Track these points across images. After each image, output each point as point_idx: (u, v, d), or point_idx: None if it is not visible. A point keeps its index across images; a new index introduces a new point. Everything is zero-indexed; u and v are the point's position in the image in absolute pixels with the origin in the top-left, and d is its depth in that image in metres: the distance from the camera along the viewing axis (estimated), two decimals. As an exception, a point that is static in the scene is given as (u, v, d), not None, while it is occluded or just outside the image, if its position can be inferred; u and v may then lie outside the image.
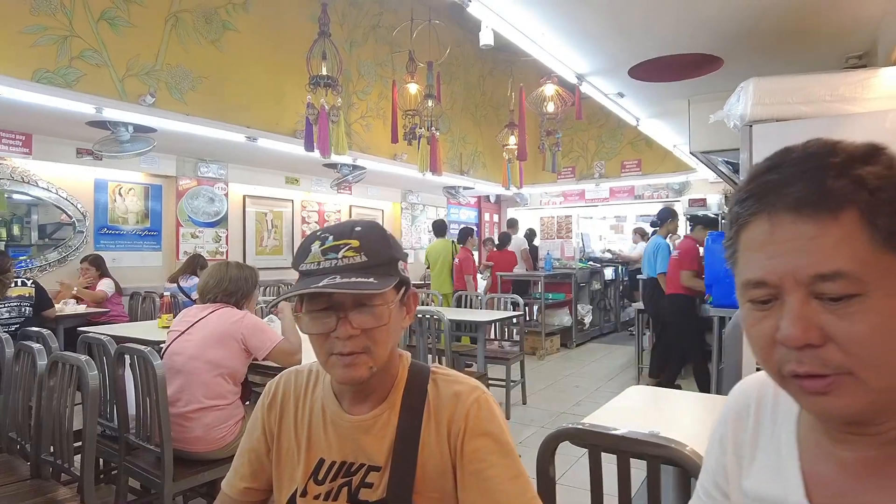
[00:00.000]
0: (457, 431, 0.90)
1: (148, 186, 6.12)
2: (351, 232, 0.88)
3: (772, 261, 0.55)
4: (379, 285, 0.84)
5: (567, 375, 6.02)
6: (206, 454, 2.30)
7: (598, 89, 3.79)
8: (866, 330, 0.51)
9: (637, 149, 8.86)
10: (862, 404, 0.53)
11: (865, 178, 0.52)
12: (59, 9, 3.95)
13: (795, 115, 2.50)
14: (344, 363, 0.86)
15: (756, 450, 0.71)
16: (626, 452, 1.20)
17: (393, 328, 0.90)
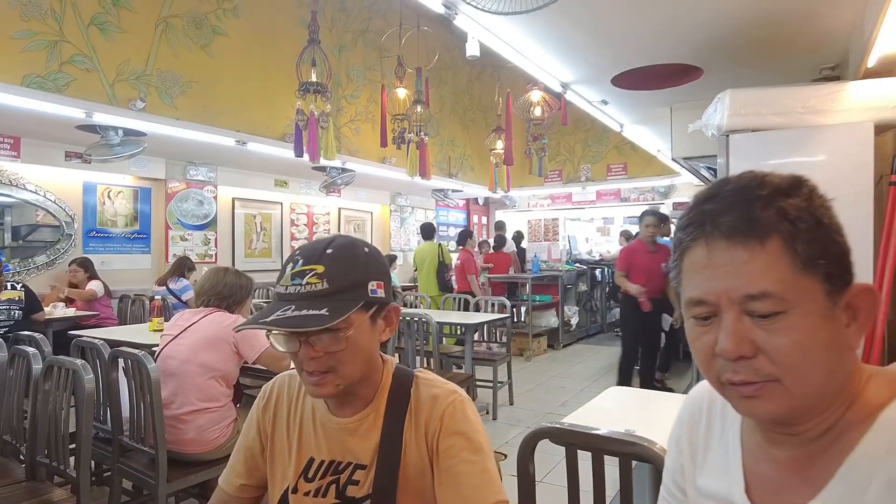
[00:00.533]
0: (433, 431, 0.96)
1: (137, 189, 6.14)
2: (321, 256, 0.91)
3: (709, 282, 0.62)
4: (329, 318, 0.86)
5: (553, 376, 6.11)
6: (199, 455, 2.35)
7: (582, 97, 3.88)
8: (790, 343, 0.59)
9: (623, 153, 8.99)
10: (786, 407, 0.61)
11: (787, 210, 0.60)
12: (50, 14, 3.98)
13: (769, 126, 2.60)
14: (312, 382, 0.92)
15: (708, 450, 0.78)
16: (600, 450, 1.28)
17: (360, 347, 0.93)
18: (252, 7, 5.39)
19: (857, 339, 0.63)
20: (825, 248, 0.60)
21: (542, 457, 1.35)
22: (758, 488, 0.70)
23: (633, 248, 4.89)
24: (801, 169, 2.25)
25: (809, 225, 0.60)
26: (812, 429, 0.64)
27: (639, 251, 4.76)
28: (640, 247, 4.77)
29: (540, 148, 5.62)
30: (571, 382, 5.79)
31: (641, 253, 4.72)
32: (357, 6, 6.53)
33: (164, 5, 4.73)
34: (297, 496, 1.00)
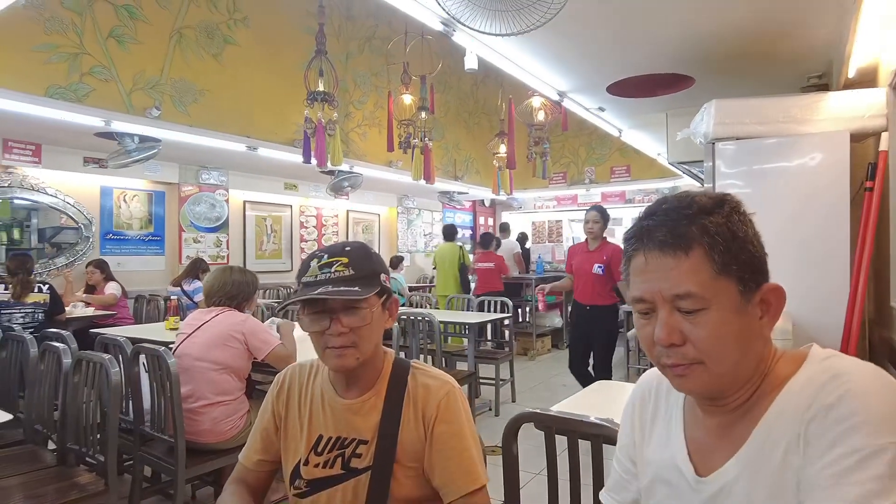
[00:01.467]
0: (430, 417, 1.13)
1: (151, 193, 6.34)
2: (342, 251, 1.12)
3: (646, 284, 0.77)
4: (362, 292, 1.07)
5: (556, 375, 6.24)
6: (213, 445, 2.51)
7: (579, 104, 4.02)
8: (708, 333, 0.74)
9: (626, 155, 9.10)
10: (708, 384, 0.77)
11: (708, 226, 0.74)
12: (71, 27, 4.17)
13: (752, 134, 2.74)
14: (336, 354, 1.09)
15: (654, 425, 0.93)
16: (574, 433, 1.43)
17: (375, 327, 1.13)
18: (261, 17, 5.57)
19: (770, 328, 0.78)
20: (738, 256, 0.74)
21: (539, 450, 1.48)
22: (696, 452, 0.84)
23: (574, 246, 4.58)
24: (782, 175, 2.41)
25: (726, 238, 0.74)
26: (734, 400, 0.79)
27: (576, 250, 4.42)
28: (579, 246, 4.43)
29: (541, 152, 5.76)
30: (573, 381, 5.90)
31: (579, 252, 4.35)
32: (363, 14, 6.70)
33: (177, 17, 4.92)
34: (308, 468, 1.16)
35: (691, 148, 3.95)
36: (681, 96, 3.94)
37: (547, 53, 3.04)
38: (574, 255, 4.39)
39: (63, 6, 4.13)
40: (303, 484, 1.16)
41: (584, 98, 3.94)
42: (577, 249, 4.40)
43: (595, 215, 4.17)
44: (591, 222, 4.17)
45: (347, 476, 1.14)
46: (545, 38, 2.64)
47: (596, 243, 4.20)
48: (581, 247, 4.38)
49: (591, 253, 4.20)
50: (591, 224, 4.17)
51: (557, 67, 3.27)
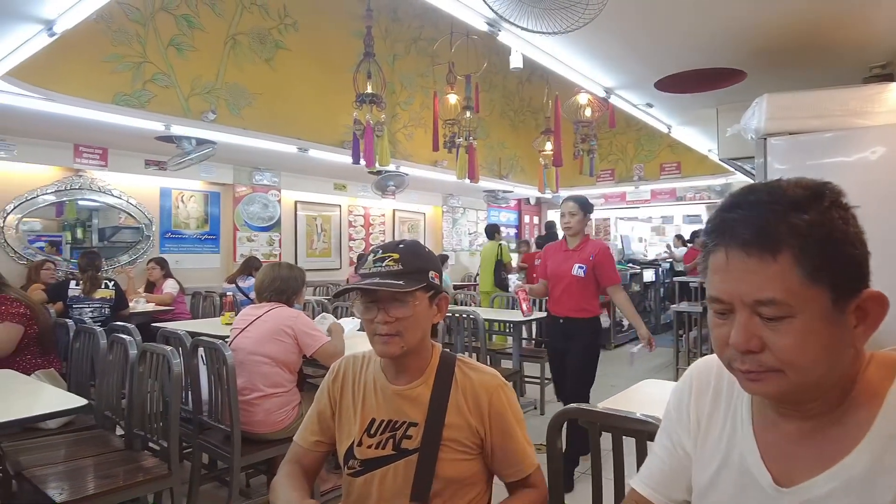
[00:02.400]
0: (484, 409, 1.25)
1: (207, 194, 6.61)
2: (395, 248, 1.24)
3: (726, 284, 0.71)
4: (404, 286, 1.17)
5: (603, 375, 6.12)
6: (266, 435, 2.62)
7: (626, 101, 3.97)
8: (792, 344, 0.67)
9: (676, 152, 8.88)
10: (785, 391, 0.71)
11: (800, 226, 0.66)
12: (135, 38, 4.40)
13: (807, 129, 2.65)
14: (382, 341, 1.20)
15: (712, 420, 0.89)
16: (618, 430, 1.44)
17: (420, 320, 1.22)
18: (310, 21, 5.72)
19: (864, 340, 0.71)
20: (834, 261, 0.67)
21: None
22: (772, 458, 0.78)
23: (550, 245, 3.76)
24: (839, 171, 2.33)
25: (820, 240, 0.66)
26: (816, 406, 0.74)
27: (552, 250, 3.62)
28: (556, 245, 3.64)
29: (589, 149, 5.70)
30: (621, 381, 5.84)
31: (555, 252, 3.57)
32: (408, 16, 6.78)
33: (231, 24, 5.11)
34: (362, 448, 1.26)
35: (743, 144, 3.82)
36: (732, 91, 3.83)
37: (593, 50, 3.03)
38: (549, 255, 3.60)
39: (129, 19, 4.35)
40: (357, 464, 1.26)
41: (632, 94, 3.88)
42: (553, 249, 3.61)
43: (572, 206, 3.45)
44: (568, 215, 3.46)
45: (398, 456, 1.23)
46: (591, 34, 2.62)
47: (576, 240, 3.48)
48: (557, 246, 3.60)
49: (571, 252, 3.45)
50: (568, 217, 3.45)
51: (604, 64, 3.24)
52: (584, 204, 3.49)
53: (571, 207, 3.46)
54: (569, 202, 3.49)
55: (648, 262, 9.65)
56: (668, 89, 3.75)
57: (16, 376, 2.41)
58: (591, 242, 3.51)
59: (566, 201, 3.51)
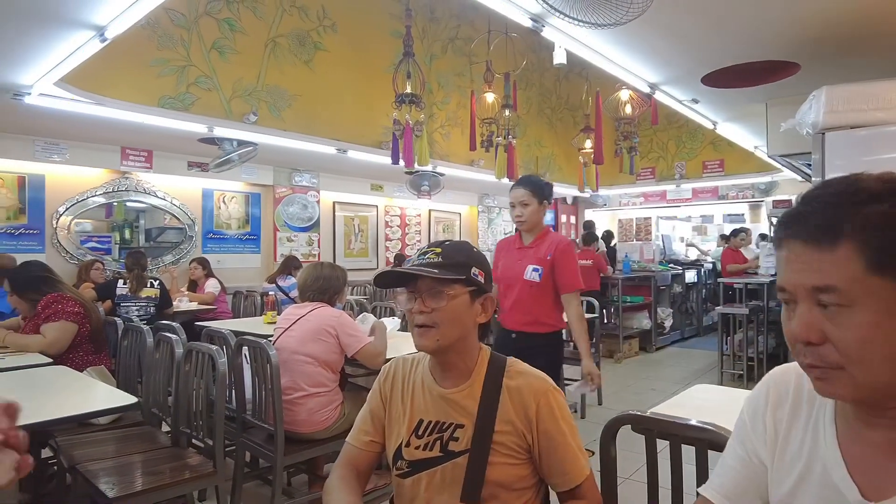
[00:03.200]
0: (532, 414, 1.21)
1: (248, 195, 6.72)
2: (441, 243, 1.27)
3: (790, 274, 0.72)
4: (439, 274, 1.18)
5: (644, 378, 6.04)
6: (309, 435, 2.62)
7: (671, 97, 3.86)
8: (853, 337, 0.66)
9: (719, 149, 8.63)
10: (851, 392, 0.69)
11: (868, 215, 0.66)
12: (179, 43, 4.49)
13: (869, 122, 2.52)
14: (418, 333, 1.21)
15: (792, 428, 0.84)
16: (676, 437, 1.38)
17: (458, 314, 1.21)
18: (349, 22, 5.75)
19: None
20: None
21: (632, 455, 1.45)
22: (858, 472, 0.74)
23: (503, 241, 3.01)
24: (902, 167, 2.18)
25: (888, 230, 0.66)
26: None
27: (504, 247, 2.89)
28: (508, 241, 2.92)
29: (630, 147, 5.58)
30: (663, 384, 5.70)
31: (507, 249, 2.85)
32: (446, 15, 6.76)
33: (271, 26, 5.17)
34: (410, 449, 1.25)
35: (795, 139, 3.69)
36: (783, 84, 3.69)
37: (638, 45, 2.95)
38: (500, 253, 2.88)
39: (174, 24, 4.45)
40: (405, 465, 1.25)
41: (677, 90, 3.77)
42: (505, 246, 2.89)
43: (523, 194, 2.66)
44: (519, 205, 2.67)
45: (445, 458, 1.22)
46: (637, 28, 2.55)
47: (532, 235, 2.73)
48: (510, 242, 2.87)
49: (525, 250, 2.72)
50: (519, 208, 2.67)
51: (649, 59, 3.15)
52: (538, 189, 2.69)
53: (523, 195, 2.67)
54: (519, 188, 2.69)
55: (691, 262, 9.41)
56: (716, 84, 3.63)
57: (69, 373, 2.47)
58: (551, 237, 2.74)
59: (516, 187, 2.70)
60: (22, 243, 5.18)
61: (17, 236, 5.18)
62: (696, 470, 1.38)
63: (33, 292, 2.95)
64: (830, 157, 2.61)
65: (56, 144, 5.19)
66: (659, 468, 1.43)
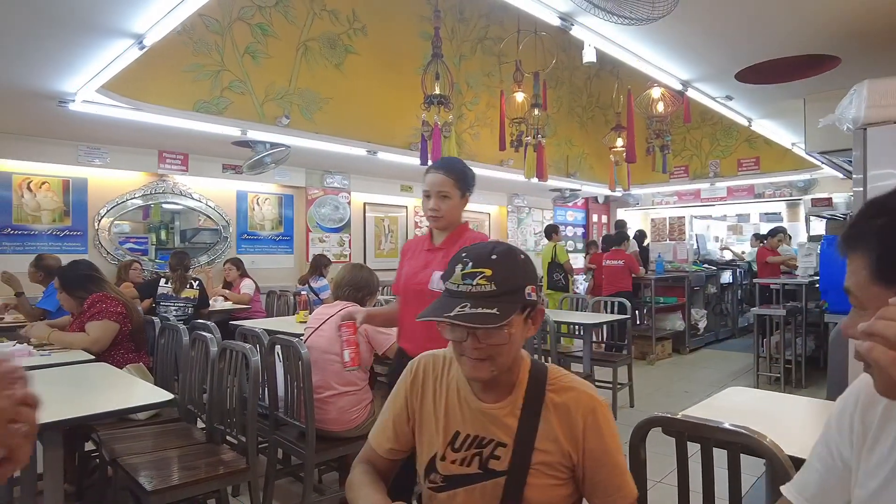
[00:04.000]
0: (578, 431, 1.11)
1: (281, 196, 6.84)
2: (487, 259, 1.06)
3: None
4: (499, 318, 1.01)
5: (677, 380, 5.94)
6: (339, 433, 2.66)
7: (704, 94, 3.79)
8: None
9: (754, 146, 8.42)
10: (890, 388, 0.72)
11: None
12: (214, 48, 4.60)
13: (914, 117, 2.43)
14: (471, 365, 1.08)
15: (883, 432, 0.85)
16: (707, 440, 1.35)
17: (515, 344, 1.09)
18: (378, 25, 5.80)
19: None
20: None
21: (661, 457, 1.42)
22: None
23: (410, 242, 2.36)
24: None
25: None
26: None
27: (411, 249, 2.26)
28: (417, 240, 2.30)
29: (662, 145, 5.50)
30: (696, 387, 5.59)
31: (413, 252, 2.22)
32: (475, 15, 6.77)
33: (302, 30, 5.25)
34: (445, 463, 1.16)
35: (835, 136, 3.58)
36: (822, 79, 3.58)
37: (670, 41, 2.90)
38: (406, 258, 2.25)
39: (208, 30, 4.56)
40: (439, 479, 1.16)
41: (710, 87, 3.70)
42: (413, 247, 2.26)
43: (443, 182, 2.04)
44: (436, 195, 2.04)
45: (485, 476, 1.13)
46: (668, 24, 2.51)
47: (444, 235, 2.12)
48: (419, 243, 2.25)
49: (434, 252, 2.11)
50: (436, 199, 2.05)
51: (681, 55, 3.10)
52: (461, 177, 2.08)
53: (441, 182, 2.02)
54: (438, 174, 2.04)
55: (725, 262, 9.21)
56: (751, 80, 3.55)
57: (110, 370, 2.55)
58: (468, 237, 2.09)
59: (434, 171, 2.06)
60: (66, 244, 5.37)
61: (62, 237, 5.37)
62: (728, 474, 1.35)
63: (80, 290, 3.08)
64: (873, 153, 2.52)
65: (97, 149, 5.37)
66: (690, 471, 1.41)
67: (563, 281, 7.08)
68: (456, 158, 2.25)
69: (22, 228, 5.19)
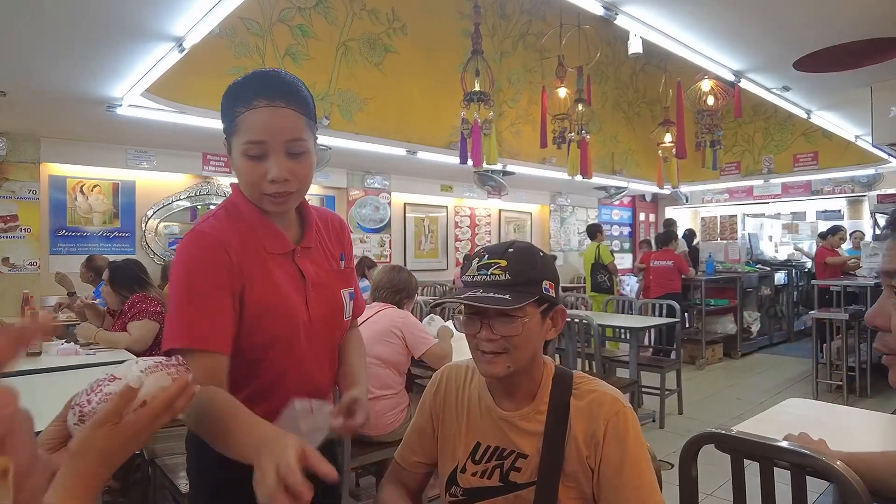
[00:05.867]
0: (598, 437, 1.03)
1: (323, 197, 6.89)
2: (503, 253, 1.05)
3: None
4: (511, 302, 0.99)
5: (729, 387, 5.68)
6: (376, 437, 2.61)
7: (759, 85, 3.58)
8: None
9: (812, 140, 8.01)
10: None
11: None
12: (255, 51, 4.64)
13: None
14: (486, 360, 1.04)
15: None
16: (767, 460, 1.23)
17: (531, 337, 1.05)
18: (418, 23, 5.76)
19: None
20: None
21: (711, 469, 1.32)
22: None
23: (215, 249, 1.15)
24: None
25: None
26: None
27: (228, 260, 1.12)
28: (232, 241, 1.16)
29: (713, 140, 5.26)
30: (749, 394, 5.33)
31: (248, 262, 1.11)
32: (517, 11, 6.65)
33: (342, 31, 5.25)
34: (465, 475, 1.12)
35: (906, 126, 3.34)
36: (892, 65, 3.33)
37: (722, 29, 2.73)
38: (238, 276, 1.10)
39: (249, 32, 4.60)
40: (459, 492, 1.12)
41: (766, 77, 3.49)
42: (233, 257, 1.08)
43: (293, 118, 1.06)
44: (283, 148, 1.06)
45: (506, 489, 1.08)
46: (720, 11, 2.37)
47: (292, 218, 1.25)
48: (247, 245, 1.12)
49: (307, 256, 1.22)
50: (284, 158, 1.07)
51: (733, 44, 2.92)
52: (312, 108, 1.14)
53: (294, 123, 1.06)
54: (284, 106, 1.06)
55: (779, 262, 8.79)
56: (810, 69, 3.33)
57: (150, 370, 2.57)
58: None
59: (271, 104, 1.04)
60: (116, 245, 5.54)
61: (111, 239, 5.54)
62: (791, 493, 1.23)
63: (125, 289, 3.19)
64: (950, 144, 2.31)
65: (145, 152, 5.51)
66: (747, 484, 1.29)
67: (607, 282, 6.87)
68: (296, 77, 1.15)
69: (75, 230, 5.37)
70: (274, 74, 1.08)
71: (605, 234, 7.94)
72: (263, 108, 1.03)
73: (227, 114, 1.07)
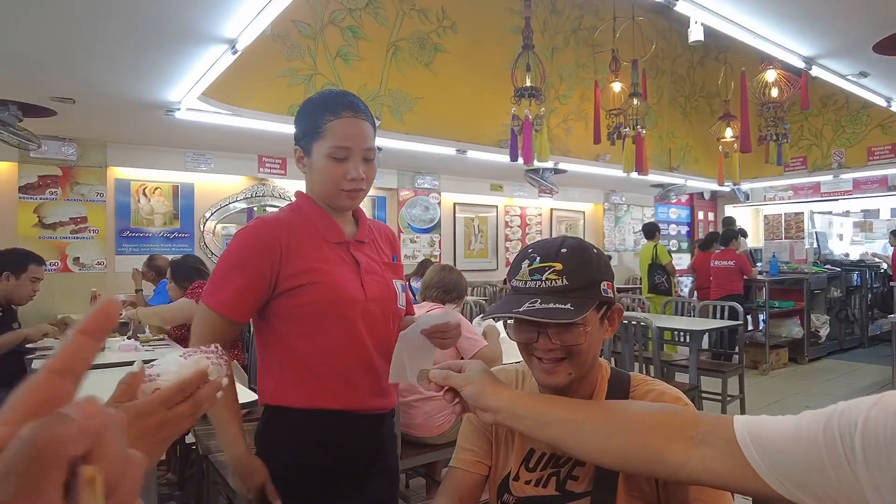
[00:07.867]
0: None
1: (374, 198, 6.94)
2: (556, 254, 0.96)
3: None
4: (574, 314, 0.90)
5: (795, 394, 5.37)
6: (426, 439, 2.57)
7: (832, 71, 3.35)
8: None
9: (889, 132, 7.49)
10: None
11: None
12: (307, 53, 4.70)
13: None
14: (544, 370, 0.97)
15: None
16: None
17: (592, 344, 0.98)
18: (468, 21, 5.70)
19: None
20: None
21: None
22: None
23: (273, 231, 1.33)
24: None
25: None
26: None
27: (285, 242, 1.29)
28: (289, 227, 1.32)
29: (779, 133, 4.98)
30: (818, 402, 4.98)
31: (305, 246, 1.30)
32: (568, 6, 6.51)
33: (392, 31, 5.26)
34: (519, 483, 1.06)
35: None
36: None
37: (790, 12, 2.56)
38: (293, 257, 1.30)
39: (301, 34, 4.66)
40: (512, 500, 1.06)
41: (841, 63, 3.26)
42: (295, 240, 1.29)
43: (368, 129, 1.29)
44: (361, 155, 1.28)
45: (563, 499, 1.01)
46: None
47: (350, 217, 1.41)
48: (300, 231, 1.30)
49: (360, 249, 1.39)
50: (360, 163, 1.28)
51: (805, 28, 2.73)
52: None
53: (369, 134, 1.29)
54: (362, 119, 1.28)
55: (851, 263, 8.28)
56: (892, 52, 3.08)
57: (205, 367, 2.61)
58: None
59: (353, 116, 1.26)
60: (175, 246, 5.72)
61: (171, 239, 5.73)
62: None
63: (187, 281, 3.35)
64: None
65: (202, 155, 5.67)
66: None
67: (665, 284, 6.63)
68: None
69: (138, 231, 5.58)
70: (349, 93, 1.31)
71: (662, 234, 7.67)
72: (349, 118, 1.26)
73: (312, 121, 1.27)
